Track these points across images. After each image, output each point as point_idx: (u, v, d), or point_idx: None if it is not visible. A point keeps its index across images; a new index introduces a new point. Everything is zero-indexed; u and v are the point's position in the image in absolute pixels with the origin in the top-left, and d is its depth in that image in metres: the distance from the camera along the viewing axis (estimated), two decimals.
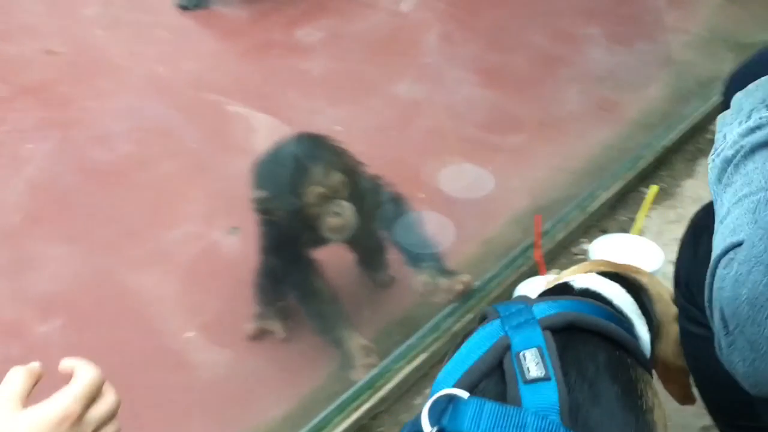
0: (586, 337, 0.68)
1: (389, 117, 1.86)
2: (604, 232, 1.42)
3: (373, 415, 1.12)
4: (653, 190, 1.14)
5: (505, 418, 0.60)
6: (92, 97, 1.96)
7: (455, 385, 0.64)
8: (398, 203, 1.27)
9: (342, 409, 1.09)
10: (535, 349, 0.64)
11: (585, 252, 1.37)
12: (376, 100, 1.94)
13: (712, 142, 1.59)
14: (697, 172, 1.54)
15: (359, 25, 2.27)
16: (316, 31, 2.23)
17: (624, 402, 0.65)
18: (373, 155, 1.32)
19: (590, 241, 1.40)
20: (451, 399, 0.63)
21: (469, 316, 1.22)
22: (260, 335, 1.30)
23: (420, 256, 1.24)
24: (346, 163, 1.19)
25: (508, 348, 0.65)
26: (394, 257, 1.35)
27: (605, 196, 1.43)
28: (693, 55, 1.94)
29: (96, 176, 1.70)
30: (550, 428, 0.60)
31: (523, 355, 0.64)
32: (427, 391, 1.15)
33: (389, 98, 1.94)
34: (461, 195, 1.38)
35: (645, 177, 1.52)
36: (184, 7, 2.37)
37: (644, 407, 0.66)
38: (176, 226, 1.56)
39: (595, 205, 1.42)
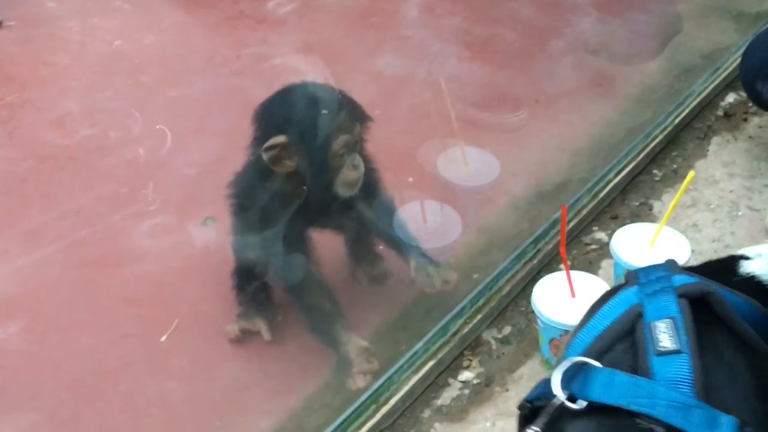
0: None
1: (371, 95, 1.72)
2: (616, 218, 1.32)
3: None
4: (690, 175, 1.04)
5: (636, 387, 0.59)
6: (46, 75, 1.82)
7: (586, 351, 0.64)
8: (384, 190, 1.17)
9: (344, 429, 0.97)
10: (668, 319, 0.63)
11: (598, 241, 1.27)
12: (355, 76, 1.81)
13: (722, 119, 1.53)
14: (710, 151, 1.45)
15: None
16: (288, 2, 2.10)
17: (762, 394, 0.62)
18: None
19: (601, 228, 1.30)
20: (581, 366, 0.62)
21: (479, 317, 1.11)
22: (244, 337, 1.18)
23: (409, 244, 1.15)
24: (361, 113, 1.07)
25: (640, 316, 0.64)
26: (387, 250, 1.25)
27: (616, 179, 1.33)
28: (693, 25, 1.85)
29: (52, 162, 1.56)
30: (682, 399, 0.58)
31: (655, 325, 0.63)
32: (435, 402, 1.05)
33: (370, 74, 1.81)
34: (464, 182, 1.26)
35: (656, 158, 1.43)
36: None
37: None
38: (145, 218, 1.42)
39: (606, 189, 1.32)
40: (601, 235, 1.28)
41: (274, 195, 1.08)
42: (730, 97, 1.58)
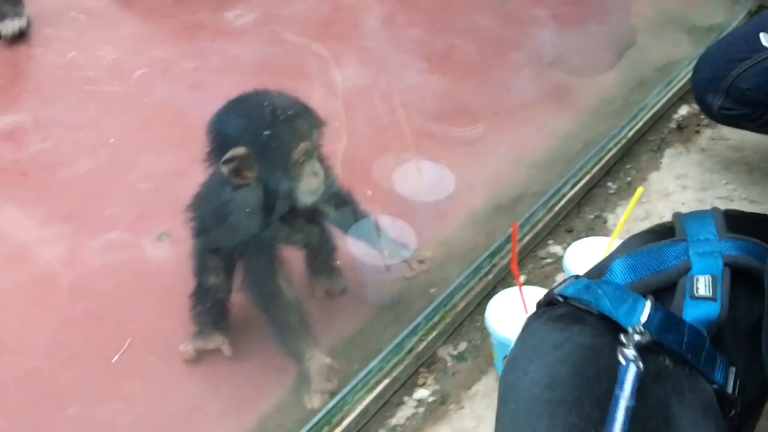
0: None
1: (331, 107, 1.72)
2: (570, 231, 1.33)
3: None
4: (639, 192, 1.05)
5: (671, 321, 0.68)
6: None
7: (630, 286, 0.71)
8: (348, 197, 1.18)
9: None
10: (710, 276, 0.71)
11: (553, 255, 1.27)
12: (314, 88, 1.80)
13: (675, 131, 1.55)
14: (663, 164, 1.47)
15: (294, 7, 2.12)
16: (248, 13, 2.08)
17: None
18: None
19: (557, 242, 1.30)
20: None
21: (435, 334, 1.11)
22: (198, 357, 1.16)
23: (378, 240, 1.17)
24: (316, 119, 1.07)
25: (687, 271, 0.72)
26: (346, 264, 1.24)
27: (571, 193, 1.34)
28: (648, 38, 1.88)
29: (2, 177, 1.52)
30: (700, 341, 0.67)
31: (697, 278, 0.71)
32: (390, 421, 1.04)
33: (329, 86, 1.80)
34: (418, 197, 1.26)
35: (610, 171, 1.44)
36: None
37: None
38: (97, 234, 1.39)
39: (561, 203, 1.32)
40: (556, 249, 1.29)
41: (237, 209, 1.06)
42: (683, 110, 1.60)
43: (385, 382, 1.04)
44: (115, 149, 1.61)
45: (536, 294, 1.04)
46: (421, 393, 1.07)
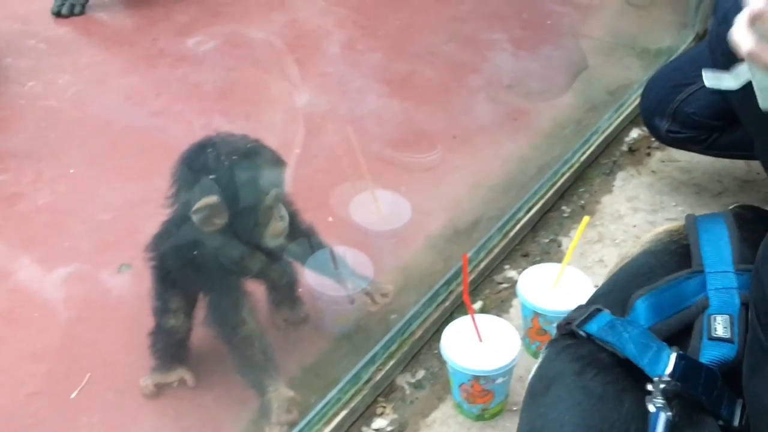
0: None
1: (292, 132, 1.74)
2: (527, 256, 1.35)
3: None
4: (585, 221, 1.08)
5: (692, 368, 0.69)
6: None
7: (653, 328, 0.74)
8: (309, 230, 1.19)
9: None
10: (728, 315, 0.72)
11: (509, 280, 1.30)
12: (276, 114, 1.81)
13: (626, 154, 1.58)
14: (615, 186, 1.50)
15: (255, 33, 2.14)
16: (209, 39, 2.09)
17: None
18: None
19: (513, 267, 1.33)
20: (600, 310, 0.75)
21: (392, 363, 1.12)
22: (158, 391, 1.16)
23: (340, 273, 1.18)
24: (280, 161, 1.08)
25: (705, 308, 0.74)
26: (306, 293, 1.25)
27: (526, 218, 1.36)
28: (600, 61, 1.92)
29: None
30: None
31: (715, 318, 0.72)
32: None
33: (291, 112, 1.82)
34: (375, 226, 1.28)
35: (564, 194, 1.47)
36: (58, 14, 2.17)
37: None
38: (55, 267, 1.39)
39: (516, 228, 1.34)
40: (512, 273, 1.31)
41: (203, 250, 1.07)
42: (634, 133, 1.64)
43: (343, 413, 1.05)
44: (75, 180, 1.61)
45: (489, 322, 1.07)
46: (380, 423, 1.08)
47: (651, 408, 0.67)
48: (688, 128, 1.34)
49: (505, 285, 1.29)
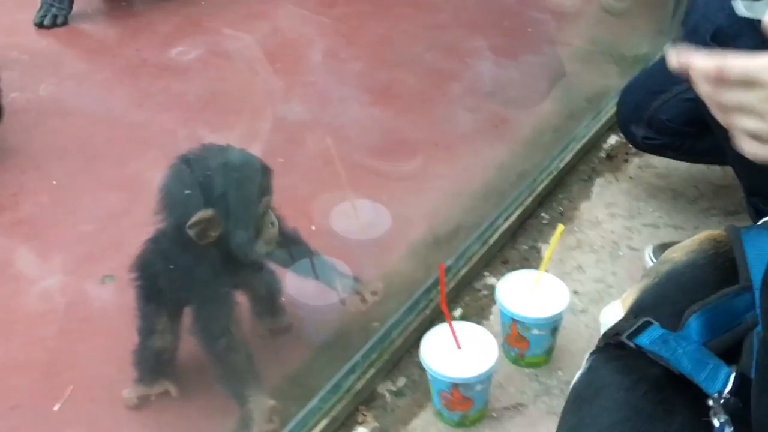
0: None
1: (275, 142, 1.75)
2: (506, 262, 1.37)
3: None
4: (559, 229, 1.09)
5: (748, 387, 0.68)
6: None
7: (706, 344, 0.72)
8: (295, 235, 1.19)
9: None
10: None
11: (489, 287, 1.31)
12: (259, 124, 1.81)
13: (604, 161, 1.60)
14: (593, 193, 1.52)
15: (237, 43, 2.14)
16: (192, 50, 2.10)
17: None
18: None
19: (492, 274, 1.34)
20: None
21: (373, 371, 1.13)
22: (141, 403, 1.16)
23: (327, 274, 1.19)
24: (267, 169, 1.09)
25: (755, 326, 0.72)
26: (289, 302, 1.26)
27: (505, 225, 1.38)
28: (579, 68, 1.94)
29: None
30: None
31: (764, 337, 0.70)
32: None
33: (274, 121, 1.81)
34: (356, 236, 1.29)
35: (543, 201, 1.49)
36: (40, 25, 2.17)
37: None
38: (38, 278, 1.39)
39: (496, 235, 1.36)
40: (492, 281, 1.33)
41: (195, 266, 1.07)
42: (612, 139, 1.66)
43: (324, 422, 1.06)
44: (58, 191, 1.61)
45: (467, 329, 1.08)
46: (361, 431, 1.09)
47: (716, 423, 0.67)
48: (664, 135, 1.36)
49: (484, 292, 1.30)
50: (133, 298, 1.15)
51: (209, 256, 1.06)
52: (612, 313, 0.90)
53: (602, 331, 0.92)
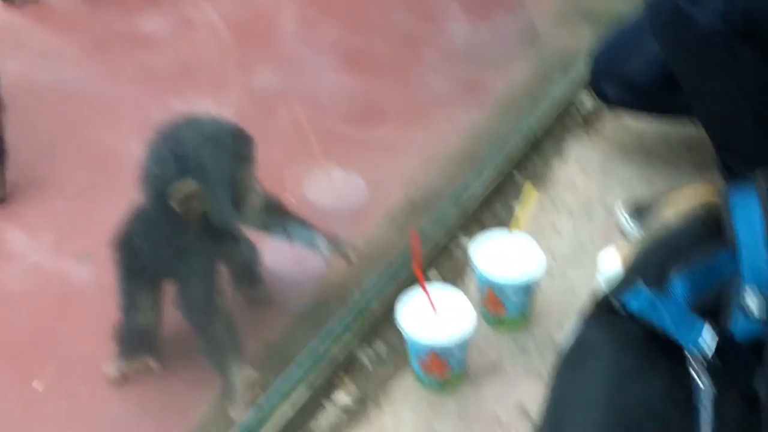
0: None
1: (249, 112, 1.73)
2: (482, 225, 1.37)
3: None
4: (529, 189, 1.10)
5: (727, 344, 0.71)
6: None
7: (691, 306, 0.74)
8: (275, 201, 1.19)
9: None
10: (762, 297, 0.72)
11: (465, 250, 1.32)
12: (233, 94, 1.80)
13: (579, 121, 1.60)
14: (567, 154, 1.53)
15: (210, 13, 2.11)
16: (162, 21, 2.06)
17: None
18: None
19: (468, 236, 1.35)
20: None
21: (352, 338, 1.14)
22: (123, 378, 1.17)
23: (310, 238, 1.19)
24: (248, 137, 1.09)
25: (738, 287, 0.73)
26: (266, 272, 1.26)
27: (480, 188, 1.38)
28: (550, 28, 1.93)
29: None
30: (745, 358, 0.72)
31: (749, 296, 0.73)
32: (310, 427, 1.08)
33: (247, 91, 1.80)
34: (330, 205, 1.29)
35: (518, 164, 1.49)
36: (11, 1, 2.13)
37: None
38: (13, 259, 1.38)
39: (471, 199, 1.37)
40: (468, 244, 1.33)
41: (178, 238, 1.07)
42: (586, 100, 1.66)
43: (303, 389, 1.07)
44: (30, 168, 1.59)
45: (443, 294, 1.09)
46: (341, 397, 1.11)
47: (699, 383, 0.69)
48: (635, 93, 1.36)
49: (461, 255, 1.31)
50: (114, 275, 1.14)
51: (192, 228, 1.06)
52: (608, 259, 0.92)
53: (598, 275, 0.95)
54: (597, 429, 0.70)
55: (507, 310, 1.15)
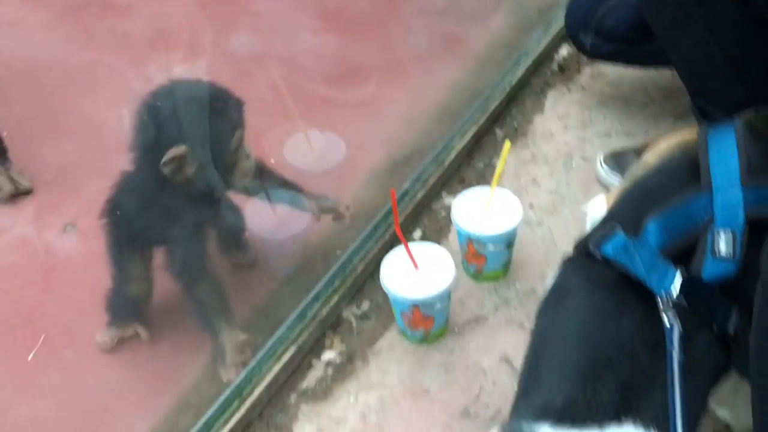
0: None
1: (227, 76, 1.71)
2: (463, 181, 1.38)
3: (245, 424, 1.04)
4: (506, 146, 1.10)
5: (695, 287, 0.74)
6: None
7: (661, 249, 0.77)
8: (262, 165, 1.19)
9: (209, 427, 1.01)
10: (731, 233, 0.75)
11: (448, 207, 1.33)
12: (210, 59, 1.78)
13: (557, 73, 1.60)
14: (546, 105, 1.53)
15: None
16: None
17: None
18: None
19: (450, 193, 1.36)
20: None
21: (337, 298, 1.16)
22: (117, 344, 1.18)
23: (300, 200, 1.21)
24: (238, 101, 1.08)
25: (711, 224, 0.76)
26: (252, 236, 1.27)
27: (460, 145, 1.39)
28: None
29: None
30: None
31: (719, 234, 0.75)
32: (300, 385, 1.10)
33: (225, 55, 1.79)
34: (311, 167, 1.29)
35: (497, 118, 1.49)
36: None
37: None
38: None
39: (452, 156, 1.37)
40: (450, 201, 1.34)
41: (169, 203, 1.08)
42: (564, 50, 1.66)
43: (292, 349, 1.09)
44: (9, 142, 1.58)
45: (425, 250, 1.10)
46: (329, 355, 1.13)
47: (665, 321, 0.72)
48: (611, 41, 1.36)
49: (443, 212, 1.33)
50: (101, 244, 1.15)
51: (183, 193, 1.06)
52: (597, 206, 0.95)
53: (587, 222, 0.96)
54: (570, 366, 0.73)
55: (488, 262, 1.17)
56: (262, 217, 1.23)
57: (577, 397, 0.70)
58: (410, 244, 1.08)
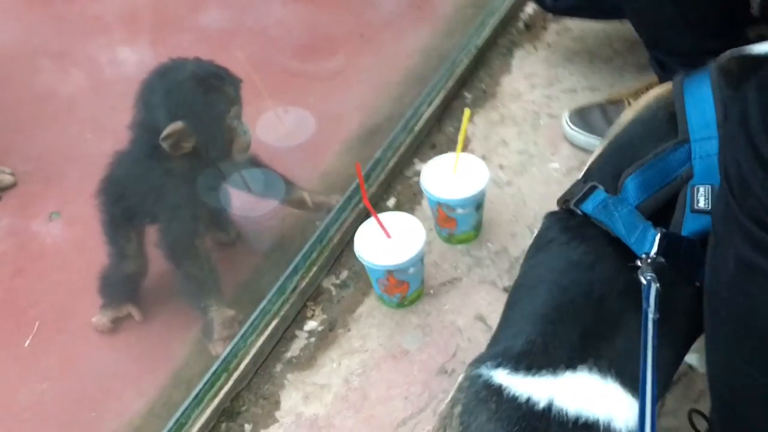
0: None
1: (200, 53, 1.73)
2: (434, 147, 1.41)
3: (233, 395, 1.10)
4: (466, 114, 1.13)
5: (674, 243, 0.74)
6: None
7: (639, 206, 0.78)
8: None
9: (200, 401, 1.06)
10: (709, 186, 0.75)
11: (419, 173, 1.36)
12: (182, 36, 1.79)
13: (523, 31, 1.61)
14: (513, 65, 1.55)
15: None
16: None
17: None
18: None
19: (422, 160, 1.39)
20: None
21: (315, 269, 1.20)
22: (113, 325, 1.23)
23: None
24: (235, 79, 1.12)
25: (689, 178, 0.76)
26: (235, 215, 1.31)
27: (429, 111, 1.41)
28: None
29: None
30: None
31: (697, 189, 0.75)
32: (285, 355, 1.15)
33: (197, 32, 1.80)
34: (282, 144, 1.32)
35: (465, 82, 1.51)
36: None
37: None
38: None
39: (422, 122, 1.40)
40: (421, 167, 1.37)
41: (170, 178, 1.11)
42: (529, 8, 1.66)
43: (275, 321, 1.14)
44: None
45: (396, 219, 1.14)
46: (311, 324, 1.18)
47: (643, 281, 0.72)
48: None
49: (415, 179, 1.36)
50: (95, 226, 1.18)
51: (176, 170, 1.10)
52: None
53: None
54: (535, 311, 0.76)
55: (458, 225, 1.21)
56: (239, 195, 1.26)
57: (536, 341, 0.71)
58: (380, 215, 1.12)
